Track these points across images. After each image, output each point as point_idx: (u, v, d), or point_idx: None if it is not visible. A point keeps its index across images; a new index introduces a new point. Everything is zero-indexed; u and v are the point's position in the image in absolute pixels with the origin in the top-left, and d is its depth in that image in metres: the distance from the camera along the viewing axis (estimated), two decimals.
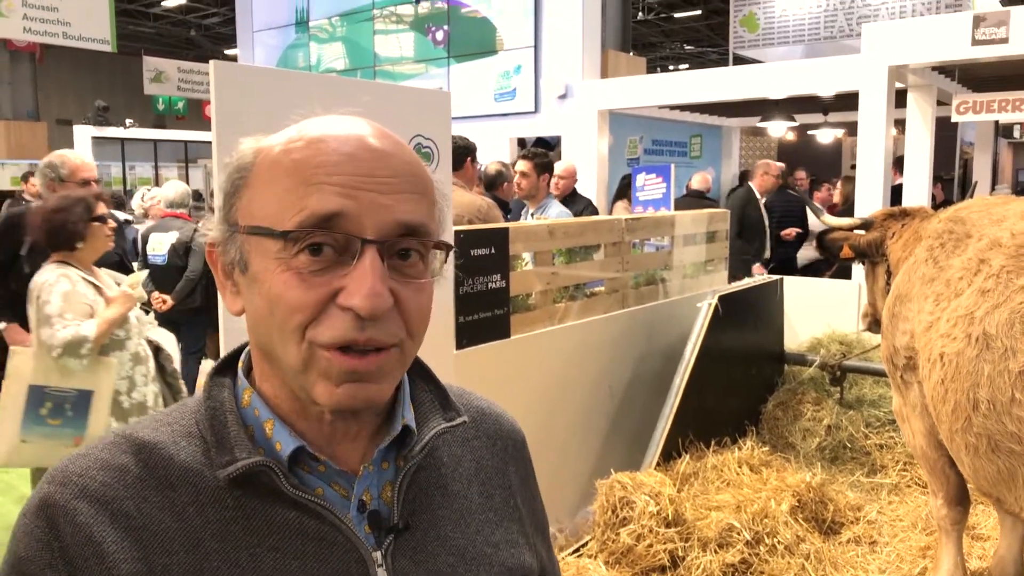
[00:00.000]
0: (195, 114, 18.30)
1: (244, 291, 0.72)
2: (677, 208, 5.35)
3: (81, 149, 10.49)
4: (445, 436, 0.81)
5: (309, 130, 0.71)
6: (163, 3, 18.84)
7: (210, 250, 0.75)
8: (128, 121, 11.11)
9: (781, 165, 7.24)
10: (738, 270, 5.59)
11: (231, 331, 2.01)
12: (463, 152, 4.28)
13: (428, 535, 0.76)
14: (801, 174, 9.20)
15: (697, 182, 7.12)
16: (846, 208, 7.16)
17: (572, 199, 5.51)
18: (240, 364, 0.78)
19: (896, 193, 6.57)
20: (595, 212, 5.67)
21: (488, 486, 0.85)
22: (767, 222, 6.70)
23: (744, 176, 9.68)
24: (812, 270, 7.23)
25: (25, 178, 9.35)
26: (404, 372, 0.75)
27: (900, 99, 6.12)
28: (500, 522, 0.83)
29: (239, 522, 0.70)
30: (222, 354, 0.84)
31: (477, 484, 0.84)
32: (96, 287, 2.96)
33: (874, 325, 3.28)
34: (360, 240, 0.67)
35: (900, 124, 6.70)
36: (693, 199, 6.76)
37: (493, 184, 5.24)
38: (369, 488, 0.74)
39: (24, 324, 3.45)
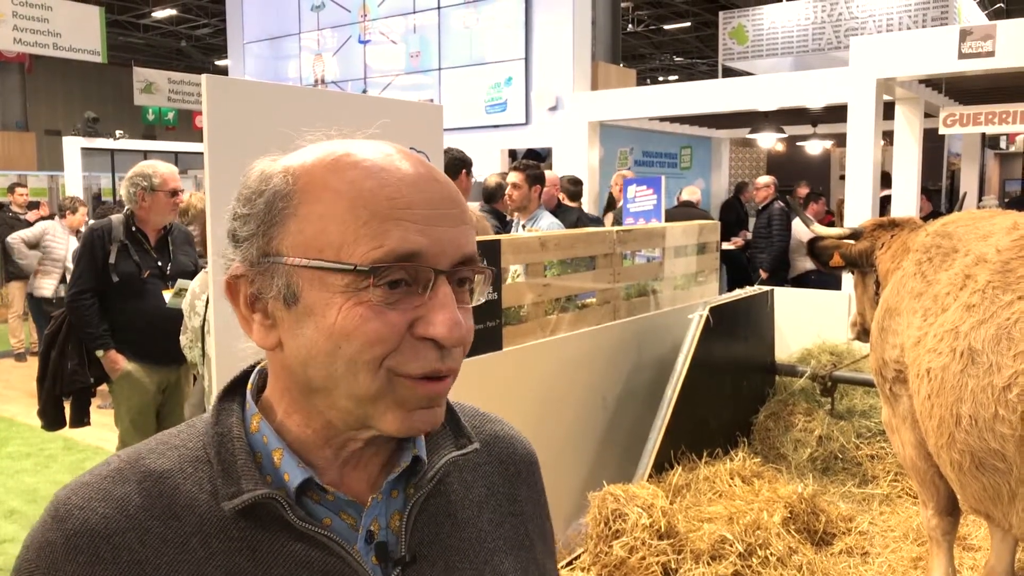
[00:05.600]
0: (185, 125, 18.27)
1: (289, 325, 0.68)
2: (669, 218, 5.37)
3: (70, 160, 10.42)
4: (456, 462, 0.80)
5: (354, 155, 0.69)
6: (153, 14, 18.83)
7: (231, 282, 0.71)
8: (118, 132, 11.06)
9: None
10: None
11: (224, 356, 2.00)
12: (459, 164, 4.29)
13: (436, 566, 0.75)
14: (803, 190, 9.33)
15: (687, 193, 7.18)
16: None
17: (563, 209, 5.52)
18: (249, 387, 0.76)
19: (883, 205, 6.62)
20: (588, 220, 5.66)
21: (498, 513, 0.83)
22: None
23: (740, 188, 9.74)
24: (803, 281, 7.27)
25: (12, 189, 9.28)
26: None
27: (888, 111, 6.18)
28: (510, 550, 0.82)
29: (244, 554, 0.69)
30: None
31: (488, 511, 0.82)
32: None
33: (862, 334, 3.30)
34: (434, 271, 0.67)
35: (888, 136, 6.76)
36: (682, 209, 6.80)
37: (493, 197, 5.25)
38: (378, 518, 0.73)
39: (120, 350, 3.61)
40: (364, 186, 0.67)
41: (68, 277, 7.16)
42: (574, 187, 6.39)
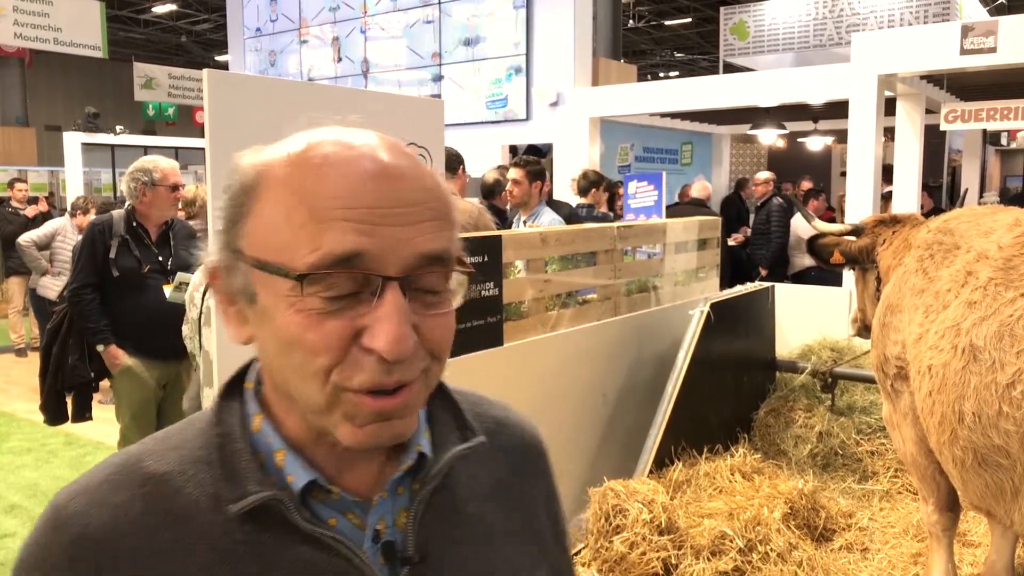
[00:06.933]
0: (185, 120, 18.26)
1: (255, 323, 0.67)
2: (674, 215, 5.37)
3: (71, 155, 10.40)
4: (461, 455, 0.78)
5: (316, 148, 0.66)
6: (153, 9, 18.81)
7: (213, 273, 0.70)
8: (119, 128, 11.05)
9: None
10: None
11: (225, 349, 2.00)
12: (456, 160, 4.30)
13: (444, 563, 0.73)
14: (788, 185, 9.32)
15: (698, 190, 7.08)
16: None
17: (555, 204, 5.52)
18: (250, 384, 0.74)
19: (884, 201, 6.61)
20: (583, 217, 5.65)
21: (506, 505, 0.81)
22: None
23: (740, 184, 9.73)
24: (802, 278, 7.26)
25: (11, 184, 9.27)
26: (427, 397, 0.70)
27: (889, 107, 6.17)
28: (519, 544, 0.80)
29: (250, 557, 0.67)
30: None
31: (495, 503, 0.80)
32: None
33: (863, 331, 3.30)
34: (381, 278, 0.62)
35: (889, 132, 6.75)
36: (691, 207, 6.71)
37: (492, 192, 5.25)
38: (384, 516, 0.71)
39: (121, 345, 3.58)
40: (309, 184, 0.63)
41: None
42: (585, 181, 6.35)
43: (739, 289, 4.51)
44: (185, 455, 0.70)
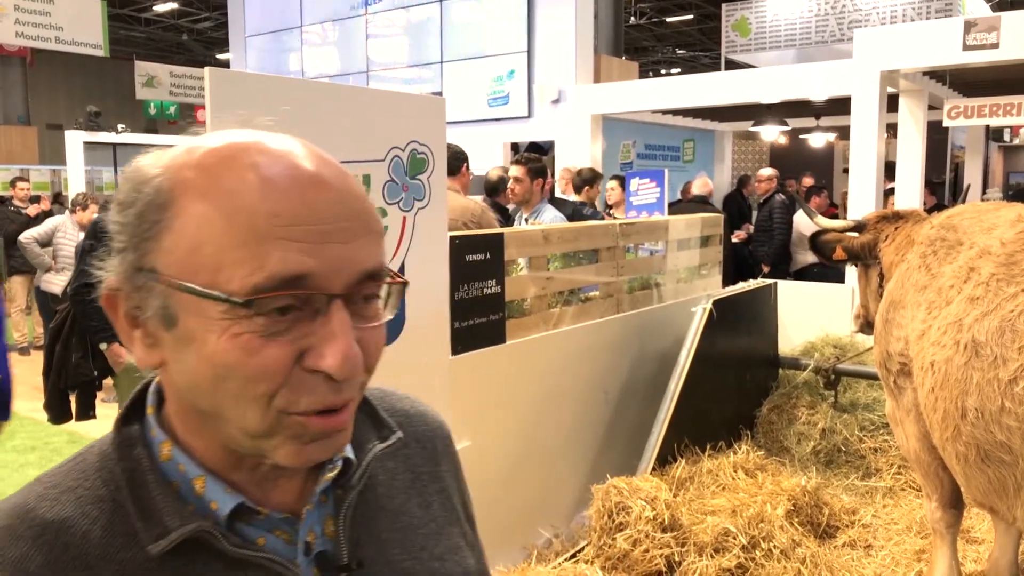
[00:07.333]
0: (187, 118, 18.26)
1: (170, 347, 0.62)
2: (677, 212, 5.36)
3: (72, 154, 10.41)
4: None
5: (242, 158, 0.61)
6: (154, 8, 18.81)
7: (108, 296, 0.64)
8: (120, 126, 11.06)
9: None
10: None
11: None
12: (459, 159, 4.29)
13: (376, 564, 0.72)
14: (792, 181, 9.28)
15: (699, 187, 7.06)
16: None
17: (559, 202, 5.52)
18: (151, 410, 0.69)
19: (886, 198, 6.60)
20: (585, 215, 5.65)
21: (425, 495, 0.81)
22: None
23: (742, 181, 9.72)
24: (805, 274, 7.25)
25: (13, 183, 9.29)
26: None
27: (892, 103, 6.16)
28: (442, 531, 0.80)
29: None
30: None
31: (415, 495, 0.80)
32: None
33: (866, 327, 3.30)
34: (326, 296, 0.60)
35: (892, 128, 6.74)
36: (695, 204, 6.69)
37: (495, 190, 5.25)
38: (312, 527, 0.69)
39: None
40: (242, 200, 0.59)
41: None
42: (580, 179, 6.34)
43: (742, 286, 4.51)
44: (84, 496, 0.64)
